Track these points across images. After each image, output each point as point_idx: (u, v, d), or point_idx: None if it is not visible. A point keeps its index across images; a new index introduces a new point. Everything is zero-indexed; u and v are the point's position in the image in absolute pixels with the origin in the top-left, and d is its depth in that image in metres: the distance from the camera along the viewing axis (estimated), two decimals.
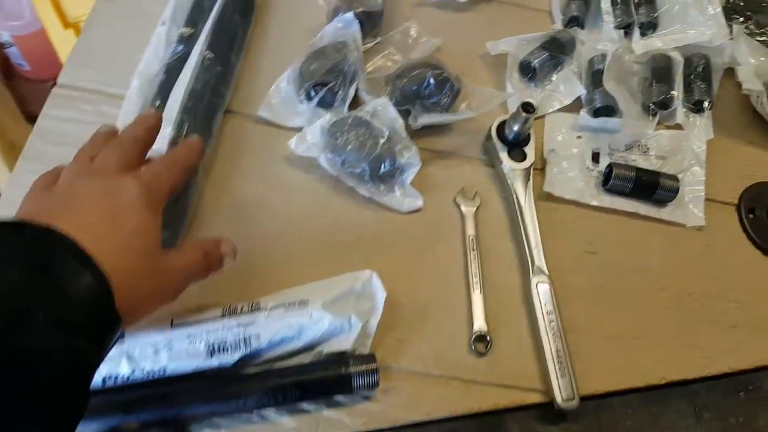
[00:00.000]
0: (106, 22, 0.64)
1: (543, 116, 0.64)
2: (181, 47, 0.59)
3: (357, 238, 0.55)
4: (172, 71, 0.58)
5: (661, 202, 0.60)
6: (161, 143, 0.52)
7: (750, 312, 0.56)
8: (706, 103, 0.64)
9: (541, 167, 0.61)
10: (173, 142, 0.53)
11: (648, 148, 0.62)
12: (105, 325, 0.33)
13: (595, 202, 0.59)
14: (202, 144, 0.48)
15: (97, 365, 0.33)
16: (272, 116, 0.60)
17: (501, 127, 0.60)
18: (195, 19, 0.61)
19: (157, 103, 0.56)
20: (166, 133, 0.53)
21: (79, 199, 0.37)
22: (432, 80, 0.58)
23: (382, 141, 0.56)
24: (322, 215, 0.56)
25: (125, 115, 0.57)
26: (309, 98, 0.59)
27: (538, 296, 0.53)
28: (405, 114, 0.59)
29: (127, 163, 0.41)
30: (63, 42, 1.05)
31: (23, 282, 0.30)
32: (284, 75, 0.61)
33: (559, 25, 0.69)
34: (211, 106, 0.57)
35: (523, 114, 0.55)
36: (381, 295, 0.50)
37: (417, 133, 0.60)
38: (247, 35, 0.63)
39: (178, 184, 0.44)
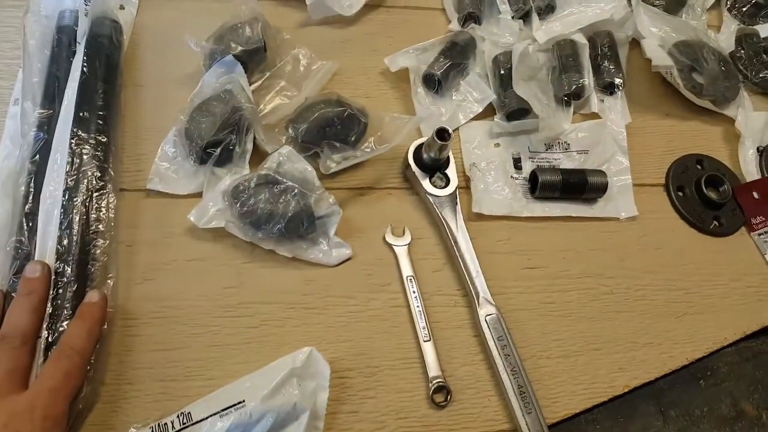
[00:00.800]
0: None
1: (456, 129, 0.60)
2: (41, 135, 0.51)
3: (287, 306, 0.50)
4: (39, 167, 0.50)
5: (592, 200, 0.58)
6: (44, 246, 0.46)
7: (695, 297, 0.56)
8: (618, 83, 0.62)
9: (465, 185, 0.57)
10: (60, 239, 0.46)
11: (568, 145, 0.60)
12: None
13: (526, 213, 0.56)
14: (104, 303, 0.45)
15: None
16: (164, 186, 0.53)
17: (418, 150, 0.56)
18: (51, 94, 0.53)
19: (27, 207, 0.48)
20: (47, 246, 0.46)
21: None
22: (337, 120, 0.53)
23: (294, 198, 0.50)
24: (243, 289, 0.50)
25: None
26: (202, 161, 0.53)
27: (489, 329, 0.50)
28: (313, 158, 0.54)
29: (17, 370, 0.38)
30: None
31: None
32: (168, 137, 0.55)
33: (455, 25, 0.65)
34: (90, 197, 0.49)
35: (439, 142, 0.51)
36: (325, 370, 0.46)
37: (330, 174, 0.55)
38: (118, 101, 0.55)
39: (80, 382, 0.41)
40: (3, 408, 0.36)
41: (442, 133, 0.52)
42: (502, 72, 0.60)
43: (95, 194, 0.49)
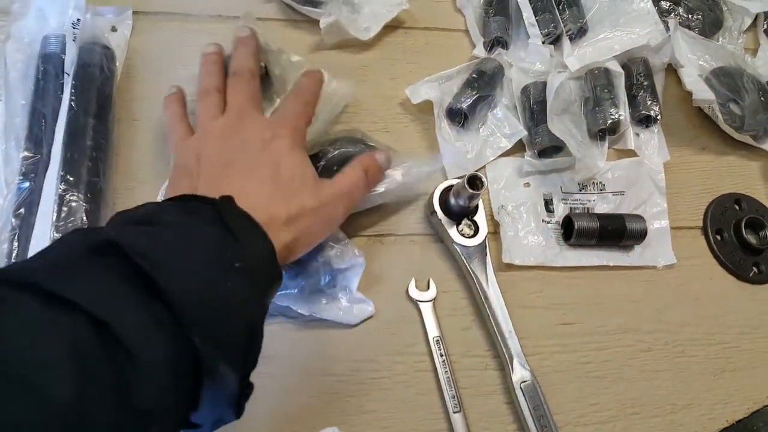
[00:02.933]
0: None
1: (483, 167, 0.55)
2: (26, 185, 0.45)
3: (304, 373, 0.46)
4: (24, 219, 0.44)
5: (628, 247, 0.54)
6: None
7: (734, 351, 0.53)
8: (655, 116, 0.58)
9: (493, 230, 0.53)
10: None
11: (604, 185, 0.55)
12: (272, 282, 0.36)
13: (560, 262, 0.52)
14: (322, 75, 0.49)
15: (266, 315, 0.35)
16: None
17: (444, 194, 0.51)
18: (36, 134, 0.47)
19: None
20: None
21: (240, 164, 0.41)
22: None
23: (315, 249, 0.46)
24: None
25: None
26: None
27: (525, 398, 0.47)
28: None
29: (255, 98, 0.45)
30: None
31: (220, 238, 0.33)
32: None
33: (480, 50, 0.59)
34: None
35: (470, 191, 0.47)
36: None
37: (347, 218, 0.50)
38: (111, 141, 0.49)
39: (311, 117, 0.46)
40: (259, 118, 0.44)
41: (474, 181, 0.47)
42: (533, 105, 0.55)
43: None
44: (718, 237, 0.56)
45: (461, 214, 0.51)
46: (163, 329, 0.27)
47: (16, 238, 0.44)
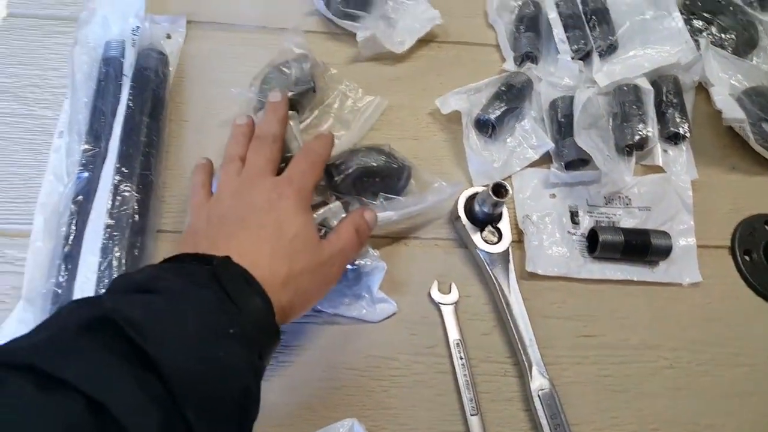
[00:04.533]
0: None
1: (509, 176, 0.56)
2: (85, 174, 0.49)
3: (327, 365, 0.47)
4: (81, 205, 0.48)
5: (653, 262, 0.54)
6: (83, 289, 0.44)
7: (762, 375, 0.52)
8: (684, 133, 0.58)
9: (517, 238, 0.54)
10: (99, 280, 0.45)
11: (630, 200, 0.56)
12: (270, 341, 0.37)
13: (583, 275, 0.53)
14: (333, 138, 0.50)
15: (263, 373, 0.36)
16: None
17: (468, 202, 0.52)
18: (96, 129, 0.51)
19: (67, 249, 0.46)
20: (90, 274, 0.45)
21: (246, 223, 0.41)
22: (379, 176, 0.50)
23: None
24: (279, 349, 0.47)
25: (34, 264, 0.47)
26: None
27: (542, 406, 0.47)
28: (346, 206, 0.50)
29: (273, 161, 0.46)
30: None
31: (214, 302, 0.33)
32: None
33: (510, 64, 0.61)
34: (134, 238, 0.47)
35: (495, 198, 0.48)
36: None
37: None
38: (162, 139, 0.52)
39: (318, 176, 0.47)
40: (269, 179, 0.44)
41: (499, 189, 0.48)
42: (560, 118, 0.56)
43: (135, 236, 0.47)
44: (747, 258, 0.56)
45: (485, 221, 0.52)
46: (158, 405, 0.27)
47: (74, 222, 0.47)
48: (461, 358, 0.49)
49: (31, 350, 0.27)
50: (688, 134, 0.58)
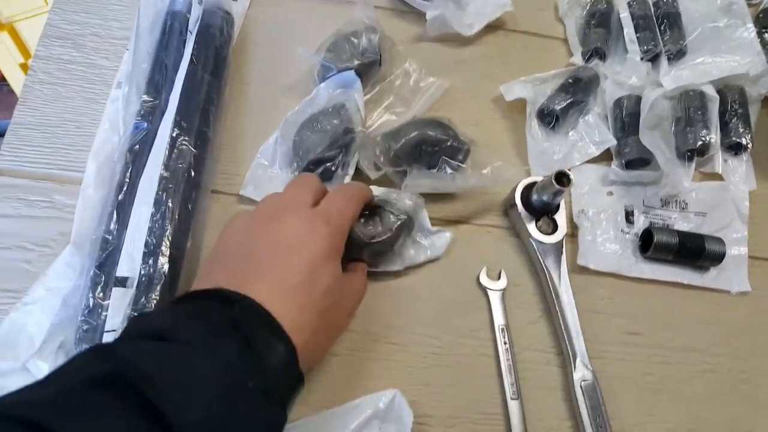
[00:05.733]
0: (49, 84, 0.53)
1: (569, 170, 0.56)
2: (144, 125, 0.49)
3: (370, 338, 0.48)
4: (137, 155, 0.48)
5: (704, 268, 0.54)
6: (133, 240, 0.44)
7: None
8: (745, 144, 0.57)
9: (571, 232, 0.54)
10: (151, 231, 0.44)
11: (686, 204, 0.56)
12: (293, 389, 0.36)
13: (634, 273, 0.53)
14: (371, 191, 0.48)
15: (285, 423, 0.34)
16: (259, 196, 0.51)
17: (526, 191, 0.53)
18: (157, 81, 0.51)
19: (120, 197, 0.47)
20: (142, 225, 0.45)
21: (276, 260, 0.38)
22: (437, 145, 0.50)
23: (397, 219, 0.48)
24: None
25: (84, 211, 0.48)
26: None
27: (584, 396, 0.47)
28: (400, 175, 0.51)
29: (316, 192, 0.43)
30: None
31: (235, 353, 0.32)
32: (269, 143, 0.52)
33: (578, 58, 0.60)
34: (188, 193, 0.47)
35: (557, 186, 0.48)
36: (408, 417, 0.44)
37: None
38: (222, 99, 0.53)
39: (355, 214, 0.44)
40: (306, 212, 0.41)
41: (561, 178, 0.48)
42: (625, 117, 0.56)
43: (189, 190, 0.47)
44: None
45: (541, 211, 0.52)
46: None
47: (128, 172, 0.48)
48: (505, 343, 0.49)
49: (39, 406, 0.27)
50: (750, 145, 0.58)
